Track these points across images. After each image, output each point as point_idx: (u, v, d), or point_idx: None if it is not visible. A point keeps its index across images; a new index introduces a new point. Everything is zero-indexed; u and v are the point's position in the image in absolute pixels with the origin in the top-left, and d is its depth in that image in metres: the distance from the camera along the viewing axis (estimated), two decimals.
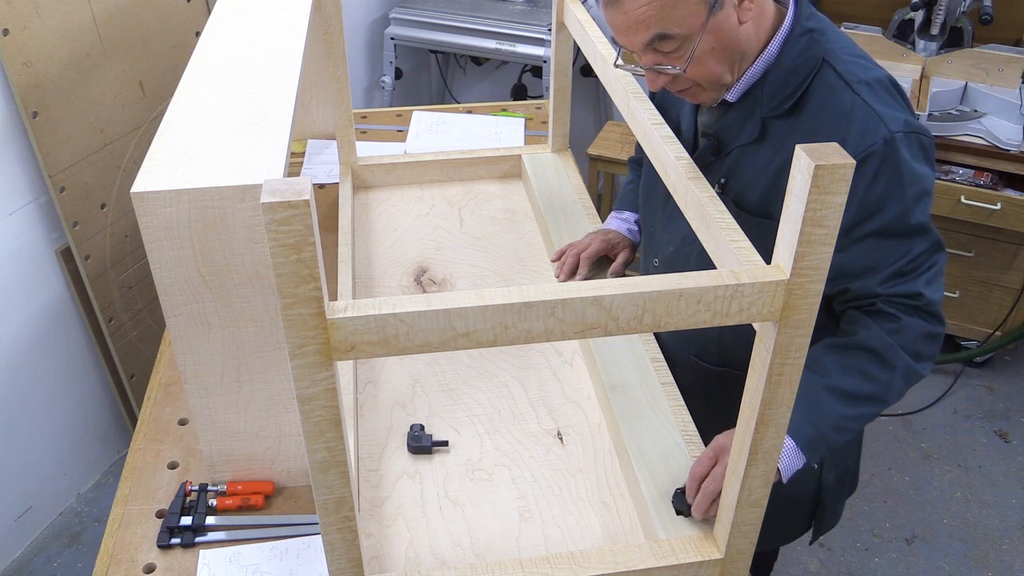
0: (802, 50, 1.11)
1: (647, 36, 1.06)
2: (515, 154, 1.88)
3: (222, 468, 1.21)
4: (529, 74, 3.34)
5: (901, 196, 1.07)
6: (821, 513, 1.40)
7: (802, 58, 1.11)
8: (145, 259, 1.05)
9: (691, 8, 1.04)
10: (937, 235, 1.13)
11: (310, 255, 0.67)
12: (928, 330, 1.12)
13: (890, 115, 1.07)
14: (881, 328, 1.10)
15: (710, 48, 1.07)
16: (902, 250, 1.09)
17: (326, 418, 0.76)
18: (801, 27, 1.12)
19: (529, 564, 0.97)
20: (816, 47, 1.11)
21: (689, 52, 1.07)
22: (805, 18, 1.13)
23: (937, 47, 2.65)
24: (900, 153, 1.06)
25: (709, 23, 1.05)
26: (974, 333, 2.76)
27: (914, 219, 1.08)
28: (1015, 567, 2.22)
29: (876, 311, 1.12)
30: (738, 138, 1.17)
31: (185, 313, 1.04)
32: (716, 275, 0.76)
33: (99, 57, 2.06)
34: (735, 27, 1.08)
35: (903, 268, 1.10)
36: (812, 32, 1.12)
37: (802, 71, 1.11)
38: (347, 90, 1.71)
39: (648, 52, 1.09)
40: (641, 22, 1.05)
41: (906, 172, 1.07)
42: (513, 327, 0.74)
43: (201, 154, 1.02)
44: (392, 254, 1.66)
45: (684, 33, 1.05)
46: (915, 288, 1.10)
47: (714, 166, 1.20)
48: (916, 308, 1.11)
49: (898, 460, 2.52)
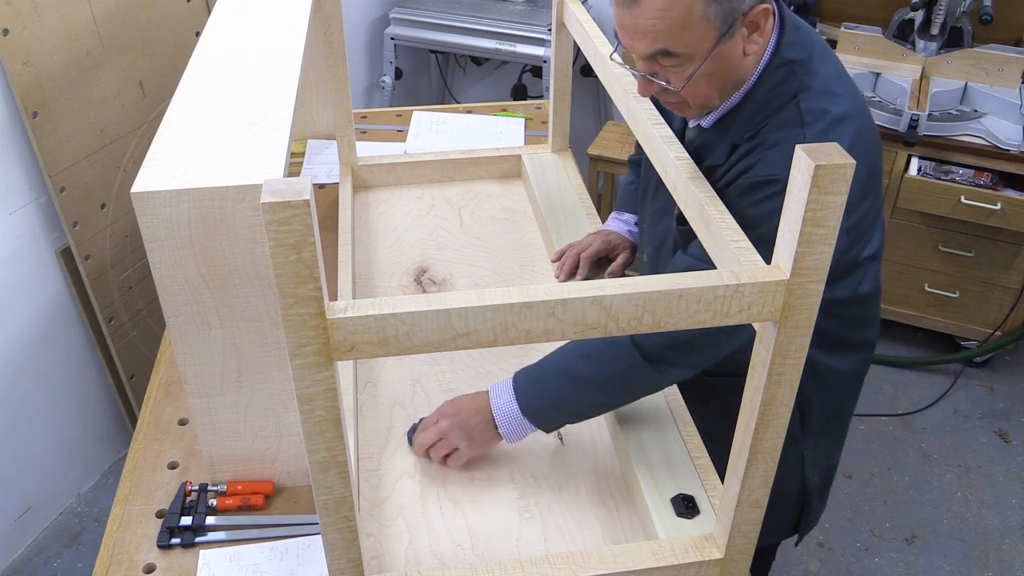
0: (777, 83, 1.10)
1: (651, 48, 1.05)
2: (515, 154, 1.88)
3: (222, 468, 1.21)
4: (529, 74, 3.34)
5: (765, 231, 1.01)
6: (807, 514, 1.41)
7: (774, 92, 1.10)
8: (145, 259, 1.05)
9: (701, 33, 1.02)
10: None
11: (310, 255, 0.67)
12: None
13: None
14: None
15: (708, 73, 1.07)
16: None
17: (326, 418, 0.76)
18: (780, 59, 1.10)
19: (529, 564, 0.97)
20: (792, 80, 1.09)
21: (689, 73, 1.06)
22: (786, 48, 1.10)
23: (937, 47, 2.65)
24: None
25: (715, 50, 1.04)
26: (974, 333, 2.76)
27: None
28: (1015, 567, 2.22)
29: None
30: (709, 158, 1.17)
31: (185, 313, 1.04)
32: (716, 275, 0.76)
33: (99, 57, 2.06)
34: (738, 57, 1.07)
35: None
36: (791, 64, 1.10)
37: (773, 105, 1.10)
38: (347, 90, 1.71)
39: (647, 61, 1.08)
40: (648, 33, 1.03)
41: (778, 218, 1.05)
42: (513, 327, 0.74)
43: (201, 154, 1.02)
44: (392, 254, 1.66)
45: (688, 54, 1.04)
46: None
47: None
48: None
49: (898, 460, 2.52)
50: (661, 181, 1.17)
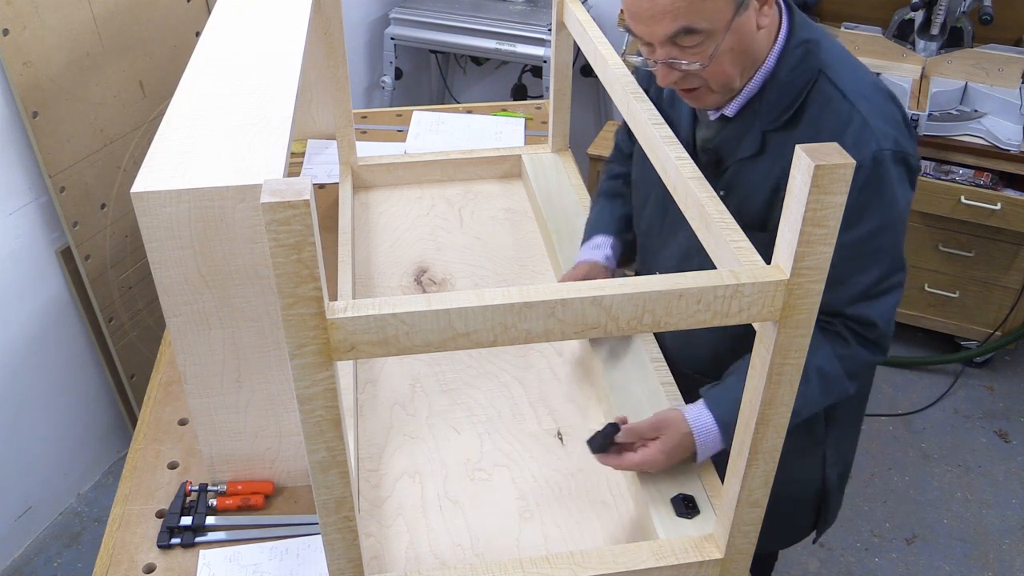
0: (798, 61, 1.11)
1: (672, 28, 1.04)
2: (515, 154, 1.88)
3: (222, 468, 1.21)
4: (529, 74, 3.35)
5: (878, 212, 1.07)
6: (825, 512, 1.40)
7: (799, 70, 1.11)
8: (145, 259, 1.05)
9: (720, 4, 1.03)
10: (903, 265, 1.13)
11: (310, 255, 0.67)
12: (871, 361, 1.15)
13: (883, 131, 1.07)
14: (831, 349, 1.12)
15: (730, 48, 1.07)
16: (871, 270, 1.10)
17: (326, 418, 0.76)
18: (797, 39, 1.11)
19: (529, 564, 0.97)
20: (812, 58, 1.11)
21: (712, 49, 1.06)
22: (800, 29, 1.12)
23: (937, 47, 2.65)
24: (887, 171, 1.06)
25: (733, 23, 1.05)
26: (974, 333, 2.76)
27: (887, 239, 1.09)
28: (1015, 567, 2.22)
29: (832, 331, 1.13)
30: (737, 152, 1.16)
31: (185, 313, 1.04)
32: (716, 275, 0.76)
33: (99, 57, 2.06)
34: (753, 31, 1.08)
35: (868, 290, 1.11)
36: (807, 43, 1.11)
37: (799, 83, 1.11)
38: (347, 90, 1.72)
39: (667, 45, 1.07)
40: (668, 12, 1.03)
41: (887, 191, 1.07)
42: (513, 327, 0.74)
43: (201, 154, 1.02)
44: (392, 254, 1.66)
45: (709, 28, 1.04)
46: (872, 318, 1.12)
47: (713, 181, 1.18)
48: (867, 340, 1.13)
49: (898, 460, 2.52)
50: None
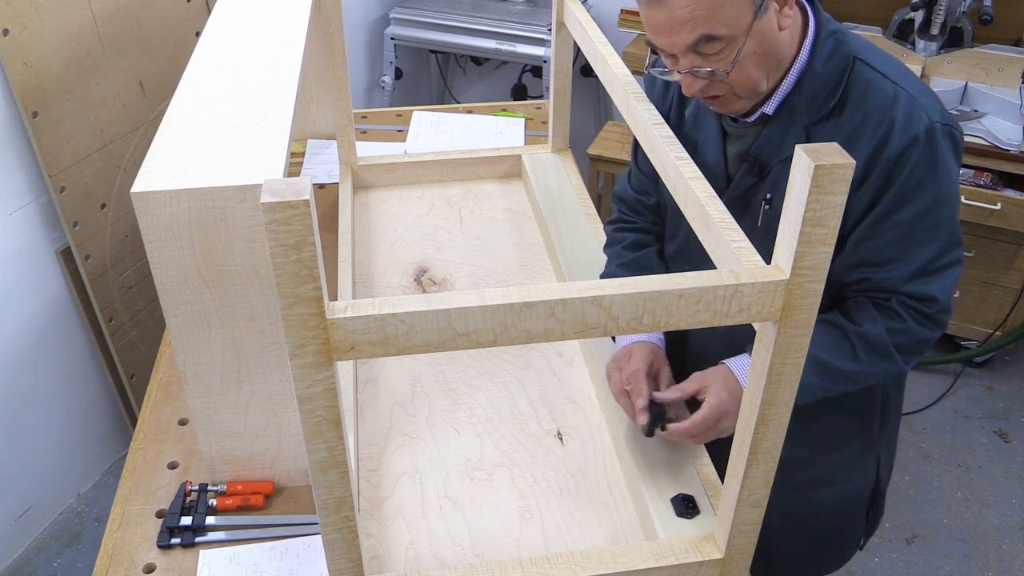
0: (832, 51, 1.11)
1: (693, 36, 1.04)
2: (515, 154, 1.88)
3: (222, 468, 1.21)
4: (529, 74, 3.34)
5: (935, 186, 1.07)
6: (875, 518, 1.40)
7: (834, 59, 1.10)
8: (145, 259, 1.05)
9: (738, 9, 1.03)
10: (960, 241, 1.13)
11: (310, 255, 0.67)
12: (927, 337, 1.14)
13: (930, 105, 1.07)
14: (886, 325, 1.11)
15: (753, 52, 1.06)
16: (929, 245, 1.10)
17: (326, 418, 0.76)
18: (826, 30, 1.12)
19: (529, 564, 0.97)
20: (844, 47, 1.11)
21: (734, 54, 1.05)
22: (827, 21, 1.13)
23: (937, 47, 2.65)
24: (939, 144, 1.06)
25: (754, 26, 1.04)
26: (974, 333, 2.76)
27: (944, 213, 1.09)
28: (1015, 567, 2.22)
29: (887, 307, 1.12)
30: (780, 152, 1.15)
31: (185, 313, 1.04)
32: (716, 275, 0.76)
33: (99, 57, 2.06)
34: (776, 32, 1.07)
35: (927, 267, 1.10)
36: (836, 34, 1.12)
37: (836, 71, 1.10)
38: (347, 90, 1.71)
39: (689, 54, 1.07)
40: (688, 21, 1.03)
41: (941, 165, 1.07)
42: (513, 327, 0.74)
43: (201, 154, 1.02)
44: (392, 254, 1.66)
45: (730, 34, 1.04)
46: (932, 292, 1.11)
47: (756, 187, 1.18)
48: (926, 315, 1.12)
49: (898, 460, 2.52)
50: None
